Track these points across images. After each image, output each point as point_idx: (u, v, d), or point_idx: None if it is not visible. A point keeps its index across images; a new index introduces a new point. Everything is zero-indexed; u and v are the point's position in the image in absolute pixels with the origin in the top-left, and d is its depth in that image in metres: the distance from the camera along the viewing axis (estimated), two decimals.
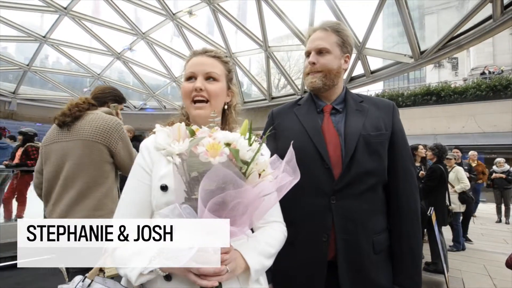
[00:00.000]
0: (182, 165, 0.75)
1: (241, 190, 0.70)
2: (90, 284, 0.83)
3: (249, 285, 0.88)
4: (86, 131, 1.87)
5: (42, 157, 1.97)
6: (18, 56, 12.47)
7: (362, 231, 1.11)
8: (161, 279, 0.82)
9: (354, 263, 1.10)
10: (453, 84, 17.20)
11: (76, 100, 1.98)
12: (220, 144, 0.69)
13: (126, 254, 0.81)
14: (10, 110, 11.65)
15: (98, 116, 1.95)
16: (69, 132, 1.89)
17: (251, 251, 0.88)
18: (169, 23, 9.22)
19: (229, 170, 0.68)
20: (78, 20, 9.26)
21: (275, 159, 0.83)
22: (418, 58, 6.36)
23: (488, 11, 5.05)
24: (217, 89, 1.02)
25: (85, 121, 1.91)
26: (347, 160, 1.12)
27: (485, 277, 4.15)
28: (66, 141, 1.87)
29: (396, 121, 1.24)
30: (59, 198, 1.83)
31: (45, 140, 1.98)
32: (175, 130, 0.77)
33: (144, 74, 12.60)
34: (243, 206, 0.72)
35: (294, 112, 1.31)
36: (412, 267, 1.14)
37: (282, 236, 1.00)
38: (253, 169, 0.75)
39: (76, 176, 1.80)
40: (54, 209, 1.83)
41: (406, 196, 1.17)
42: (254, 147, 0.76)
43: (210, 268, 0.73)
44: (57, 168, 1.87)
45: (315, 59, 1.23)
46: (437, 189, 4.50)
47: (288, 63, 15.07)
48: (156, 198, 0.90)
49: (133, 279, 0.78)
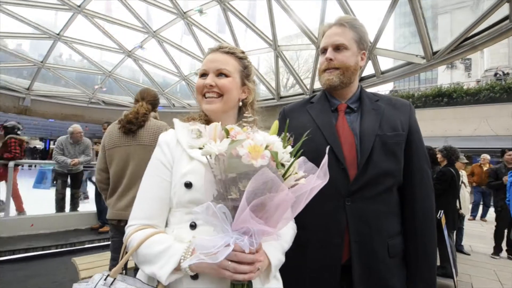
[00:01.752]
0: (218, 165, 0.74)
1: (279, 193, 0.70)
2: (113, 282, 0.80)
3: (269, 280, 0.89)
4: (145, 137, 2.22)
5: (106, 158, 2.29)
6: (32, 53, 12.73)
7: (377, 234, 1.08)
8: (188, 279, 0.82)
9: (368, 266, 1.07)
10: (465, 85, 16.85)
11: (141, 110, 2.27)
12: (262, 146, 0.70)
13: (153, 252, 0.81)
14: (24, 106, 11.90)
15: (154, 123, 2.29)
16: (132, 138, 2.22)
17: (271, 247, 0.89)
18: (179, 22, 9.27)
19: (271, 172, 0.69)
20: (91, 18, 9.39)
21: (303, 162, 0.82)
22: (431, 58, 6.24)
23: (504, 11, 4.92)
24: (228, 83, 1.00)
25: (144, 128, 2.24)
26: (363, 161, 1.09)
27: (495, 283, 4.07)
28: (128, 146, 2.22)
29: (413, 121, 1.20)
30: (123, 194, 2.19)
31: (108, 144, 2.29)
32: (211, 129, 0.77)
33: (154, 72, 12.70)
34: (274, 207, 0.72)
35: (307, 110, 1.27)
36: (427, 271, 1.11)
37: (293, 232, 1.02)
38: (291, 171, 0.75)
39: (138, 176, 2.09)
40: (118, 203, 2.20)
41: (421, 199, 1.14)
42: (288, 149, 0.76)
43: (246, 267, 0.73)
44: (122, 169, 2.21)
45: (333, 55, 1.19)
46: (448, 192, 4.36)
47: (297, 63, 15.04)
48: (178, 195, 0.89)
49: (163, 278, 0.77)
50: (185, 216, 0.89)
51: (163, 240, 0.84)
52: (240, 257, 0.73)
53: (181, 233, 0.86)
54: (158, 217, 0.92)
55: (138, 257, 0.84)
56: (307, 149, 0.82)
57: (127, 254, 0.85)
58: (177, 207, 0.91)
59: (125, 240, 0.88)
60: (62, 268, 3.74)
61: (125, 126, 2.21)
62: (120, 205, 2.18)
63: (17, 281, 3.34)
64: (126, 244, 0.88)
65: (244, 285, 0.77)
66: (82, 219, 5.46)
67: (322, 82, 1.25)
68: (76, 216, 5.46)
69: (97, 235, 5.08)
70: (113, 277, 0.81)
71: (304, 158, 0.82)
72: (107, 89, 13.78)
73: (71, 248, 4.55)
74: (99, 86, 13.02)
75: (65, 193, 5.54)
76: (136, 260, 0.85)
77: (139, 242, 0.83)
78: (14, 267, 3.76)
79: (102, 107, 13.77)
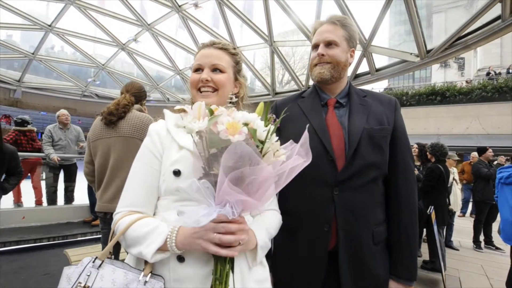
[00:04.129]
0: (202, 142, 0.77)
1: (257, 167, 0.72)
2: (101, 265, 0.82)
3: (256, 263, 0.92)
4: (125, 129, 2.19)
5: (91, 151, 2.29)
6: (23, 44, 12.52)
7: (363, 222, 1.13)
8: (174, 261, 0.84)
9: (354, 253, 1.12)
10: (459, 84, 17.08)
11: (122, 101, 2.27)
12: (239, 123, 0.72)
13: (140, 234, 0.83)
14: (15, 98, 11.73)
15: (135, 114, 2.27)
16: (112, 130, 2.21)
17: (260, 229, 0.92)
18: (174, 15, 9.20)
19: (248, 147, 0.71)
20: (84, 9, 9.25)
21: (289, 144, 0.85)
22: (424, 57, 6.32)
23: (497, 11, 5.00)
24: (223, 79, 1.03)
25: (124, 119, 2.22)
26: (351, 153, 1.14)
27: (482, 277, 4.18)
28: (109, 138, 2.20)
29: (398, 116, 1.27)
30: (107, 186, 2.19)
31: (92, 136, 2.29)
32: (196, 108, 0.80)
33: (148, 65, 12.61)
34: (257, 183, 0.74)
35: (298, 104, 1.32)
36: (409, 258, 1.17)
37: (279, 222, 1.05)
38: (269, 148, 0.78)
39: (120, 167, 2.14)
40: (104, 195, 2.19)
41: (405, 190, 1.20)
42: (269, 128, 0.79)
43: (231, 237, 0.75)
44: (104, 161, 2.21)
45: (324, 50, 1.24)
46: (436, 189, 4.45)
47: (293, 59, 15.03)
48: (167, 183, 0.90)
49: (149, 256, 0.79)
50: (173, 204, 0.90)
51: (150, 222, 0.86)
52: (226, 227, 0.75)
53: (169, 220, 0.88)
54: (146, 205, 0.93)
55: (126, 241, 0.85)
56: (297, 141, 0.85)
57: (114, 237, 0.86)
58: (165, 195, 0.92)
59: (113, 226, 0.90)
60: (54, 260, 3.72)
61: (106, 117, 2.20)
62: (105, 197, 2.17)
63: (9, 272, 3.32)
64: (114, 230, 0.89)
65: (227, 263, 0.79)
66: (75, 212, 5.41)
67: (313, 75, 1.30)
68: (68, 209, 5.42)
69: (90, 228, 5.04)
70: (101, 259, 0.84)
71: (291, 141, 0.85)
72: (100, 83, 13.65)
73: (63, 240, 4.52)
74: (92, 79, 12.87)
75: (57, 186, 5.48)
76: (124, 244, 0.86)
77: (126, 225, 0.84)
78: (6, 259, 3.74)
79: (95, 101, 13.64)
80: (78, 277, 0.80)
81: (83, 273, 0.80)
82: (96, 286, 0.79)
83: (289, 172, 0.80)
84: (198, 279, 0.83)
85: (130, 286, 0.79)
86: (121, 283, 0.79)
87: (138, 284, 0.79)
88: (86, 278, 0.79)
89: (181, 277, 0.84)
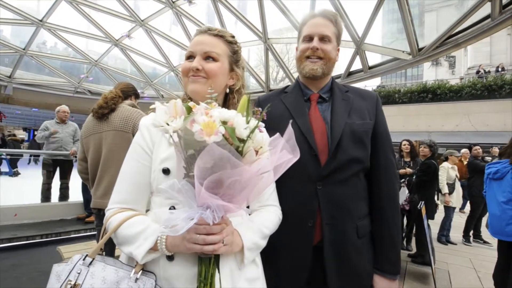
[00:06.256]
0: (180, 142, 0.74)
1: (236, 170, 0.69)
2: (92, 262, 0.82)
3: (244, 264, 0.88)
4: (116, 123, 2.20)
5: (83, 147, 2.30)
6: (14, 39, 12.25)
7: (347, 216, 1.14)
8: (164, 260, 0.84)
9: (339, 247, 1.13)
10: (450, 81, 17.30)
11: (110, 94, 2.29)
12: (216, 122, 0.67)
13: (131, 233, 0.82)
14: (6, 94, 11.53)
15: (126, 109, 2.28)
16: (104, 123, 2.22)
17: (247, 230, 0.90)
18: (168, 11, 9.11)
19: (224, 150, 0.67)
20: (76, 4, 9.11)
21: (276, 137, 0.82)
22: (416, 55, 6.40)
23: (486, 10, 5.08)
24: (215, 68, 0.95)
25: (116, 113, 2.24)
26: (333, 148, 1.14)
27: (470, 270, 4.30)
28: (100, 132, 2.21)
29: (379, 112, 1.27)
30: (99, 182, 2.19)
31: (84, 133, 2.30)
32: (171, 106, 0.74)
33: (142, 62, 12.47)
34: (240, 184, 0.72)
35: (281, 99, 1.31)
36: (392, 251, 1.19)
37: (277, 219, 1.01)
38: (249, 147, 0.74)
39: (110, 162, 2.15)
40: (97, 191, 2.19)
41: (386, 184, 1.21)
42: (251, 124, 0.75)
43: (215, 237, 0.75)
44: (97, 156, 2.21)
45: (319, 44, 1.22)
46: (430, 184, 4.65)
47: (287, 56, 15.02)
48: (157, 181, 0.88)
49: (139, 257, 0.79)
50: (165, 201, 0.89)
51: (141, 221, 0.85)
52: (208, 229, 0.75)
53: (162, 217, 0.86)
54: (137, 201, 0.92)
55: (118, 238, 0.85)
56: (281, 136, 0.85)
57: (106, 235, 0.86)
58: (157, 192, 0.90)
59: (105, 222, 0.89)
60: (47, 257, 3.71)
61: (98, 111, 2.23)
62: (98, 193, 2.18)
63: (1, 270, 3.29)
64: (105, 226, 0.89)
65: (212, 261, 0.79)
66: (68, 209, 5.36)
67: (304, 70, 1.27)
68: (62, 206, 5.36)
69: (84, 225, 5.02)
70: (92, 257, 0.83)
71: (278, 134, 0.82)
72: (93, 79, 13.46)
73: (57, 238, 4.49)
74: (85, 75, 12.70)
75: (51, 183, 5.44)
76: (116, 241, 0.86)
77: (118, 223, 0.84)
78: (0, 256, 3.71)
79: (88, 97, 13.46)
80: (68, 275, 0.79)
81: (73, 270, 0.80)
82: (87, 284, 0.78)
83: (277, 169, 0.78)
84: (186, 278, 0.83)
85: (121, 283, 0.79)
86: (111, 281, 0.79)
87: (129, 281, 0.79)
88: (76, 276, 0.79)
89: (170, 275, 0.83)
